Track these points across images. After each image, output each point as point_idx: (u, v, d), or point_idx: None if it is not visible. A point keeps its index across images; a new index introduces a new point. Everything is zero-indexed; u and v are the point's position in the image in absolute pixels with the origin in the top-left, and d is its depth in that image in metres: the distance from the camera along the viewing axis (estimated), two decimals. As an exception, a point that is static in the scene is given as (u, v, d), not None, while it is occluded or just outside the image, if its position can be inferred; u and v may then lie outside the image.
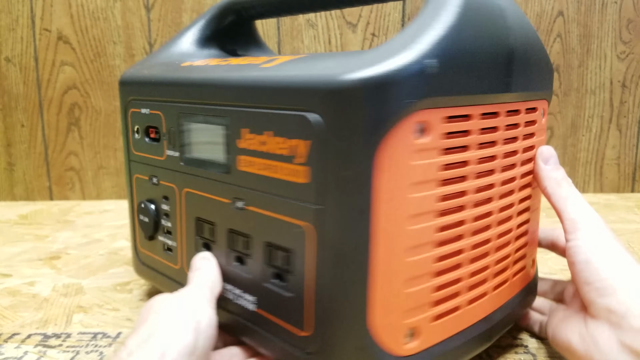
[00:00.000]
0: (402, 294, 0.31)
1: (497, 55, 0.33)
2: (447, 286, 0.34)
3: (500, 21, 0.34)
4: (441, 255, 0.33)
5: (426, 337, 0.33)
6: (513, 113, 0.37)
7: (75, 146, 0.91)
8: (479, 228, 0.35)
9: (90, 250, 0.67)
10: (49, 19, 0.86)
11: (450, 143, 0.32)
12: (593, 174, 0.95)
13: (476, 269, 0.36)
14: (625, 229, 0.75)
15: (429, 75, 0.29)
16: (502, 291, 0.39)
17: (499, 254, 0.38)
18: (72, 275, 0.59)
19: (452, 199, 0.33)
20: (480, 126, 0.34)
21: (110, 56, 0.88)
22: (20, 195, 0.93)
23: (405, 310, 0.32)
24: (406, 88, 0.29)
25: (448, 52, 0.30)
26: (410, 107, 0.29)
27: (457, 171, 0.33)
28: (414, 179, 0.31)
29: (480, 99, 0.33)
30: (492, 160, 0.35)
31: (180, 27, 0.87)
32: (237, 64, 0.39)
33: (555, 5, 0.88)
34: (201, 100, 0.38)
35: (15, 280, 0.58)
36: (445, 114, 0.31)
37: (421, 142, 0.30)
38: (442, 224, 0.33)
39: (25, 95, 0.89)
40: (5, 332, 0.46)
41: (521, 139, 0.38)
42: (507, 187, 0.37)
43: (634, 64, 0.91)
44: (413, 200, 0.31)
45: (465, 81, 0.32)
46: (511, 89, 0.35)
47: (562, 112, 0.92)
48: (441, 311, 0.34)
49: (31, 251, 0.67)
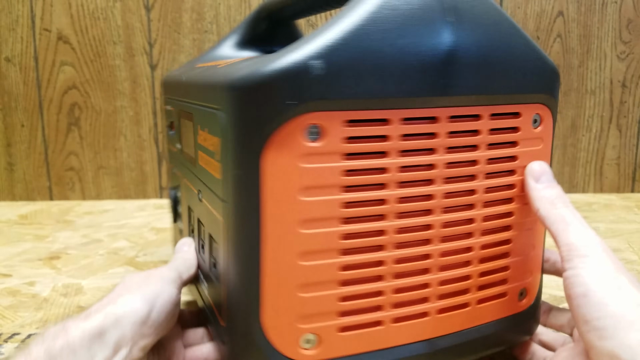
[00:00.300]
0: (297, 298, 0.31)
1: (424, 56, 0.31)
2: (359, 298, 0.32)
3: (435, 19, 0.31)
4: (348, 265, 0.32)
5: (330, 347, 0.32)
6: (465, 119, 0.33)
7: (75, 146, 0.91)
8: (407, 241, 0.33)
9: (90, 251, 0.67)
10: (49, 19, 0.86)
11: (356, 148, 0.30)
12: (593, 174, 0.95)
13: (404, 285, 0.33)
14: (625, 229, 0.75)
15: (317, 77, 0.29)
16: (456, 315, 0.35)
17: (445, 274, 0.34)
18: (71, 276, 0.59)
19: (364, 207, 0.31)
20: (402, 132, 0.31)
21: (110, 56, 0.88)
22: (20, 195, 0.93)
23: (302, 315, 0.31)
24: (288, 89, 0.29)
25: (345, 53, 0.29)
26: (296, 108, 0.29)
27: (370, 178, 0.31)
28: (307, 182, 0.30)
29: (399, 102, 0.31)
30: (427, 170, 0.33)
31: (180, 27, 0.87)
32: (221, 66, 0.40)
33: (556, 5, 0.88)
34: (185, 99, 0.42)
35: (15, 280, 0.58)
36: (345, 118, 0.30)
37: (314, 145, 0.30)
38: (348, 231, 0.31)
39: (25, 95, 0.89)
40: (5, 332, 0.46)
41: (484, 148, 0.34)
42: (456, 201, 0.34)
43: (634, 63, 0.91)
44: (307, 204, 0.30)
45: (372, 84, 0.30)
46: (453, 92, 0.32)
47: (562, 112, 0.92)
48: (351, 323, 0.32)
49: (31, 251, 0.67)
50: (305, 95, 0.29)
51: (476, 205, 0.34)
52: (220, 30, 0.88)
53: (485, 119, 0.34)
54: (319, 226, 0.31)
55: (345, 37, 0.29)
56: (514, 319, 0.38)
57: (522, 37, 0.34)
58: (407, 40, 0.30)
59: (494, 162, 0.35)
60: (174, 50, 0.88)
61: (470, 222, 0.34)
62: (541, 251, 0.39)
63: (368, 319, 0.33)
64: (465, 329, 0.36)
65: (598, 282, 0.30)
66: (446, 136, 0.33)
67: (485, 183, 0.34)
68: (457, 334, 0.35)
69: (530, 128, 0.36)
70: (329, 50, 0.29)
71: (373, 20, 0.30)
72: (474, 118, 0.33)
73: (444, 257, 0.34)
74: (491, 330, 0.37)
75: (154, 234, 0.74)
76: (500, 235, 0.36)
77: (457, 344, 0.35)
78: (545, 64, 0.35)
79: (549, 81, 0.36)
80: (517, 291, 0.37)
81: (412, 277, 0.33)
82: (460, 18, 0.32)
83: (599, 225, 0.76)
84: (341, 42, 0.29)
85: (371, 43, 0.29)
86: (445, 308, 0.35)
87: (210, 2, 0.87)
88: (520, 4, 0.88)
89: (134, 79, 0.89)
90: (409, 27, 0.30)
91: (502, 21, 0.34)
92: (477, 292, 0.36)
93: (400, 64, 0.30)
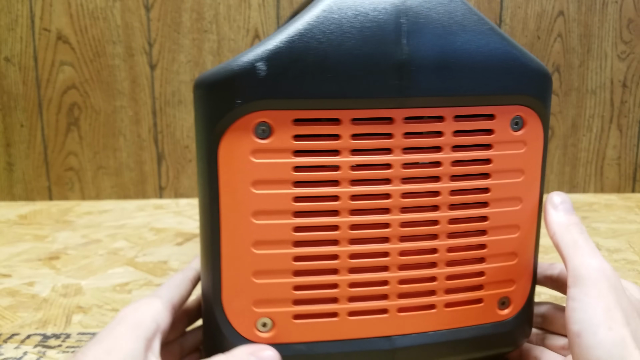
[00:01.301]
0: (252, 284, 0.33)
1: (374, 57, 0.31)
2: (314, 288, 0.34)
3: (387, 22, 0.31)
4: (301, 256, 0.33)
5: (285, 332, 0.34)
6: (425, 120, 0.33)
7: (74, 146, 0.91)
8: (362, 237, 0.34)
9: (89, 251, 0.67)
10: (48, 19, 0.86)
11: (306, 146, 0.32)
12: (593, 174, 0.95)
13: (360, 280, 0.34)
14: (626, 229, 0.74)
15: (263, 78, 0.31)
16: (421, 316, 0.35)
17: (405, 273, 0.35)
18: (71, 276, 0.59)
19: (317, 202, 0.33)
20: (353, 131, 0.32)
21: (110, 56, 0.88)
22: (19, 195, 0.93)
23: (257, 300, 0.34)
24: (236, 89, 0.31)
25: (289, 55, 0.31)
26: (246, 107, 0.31)
27: (321, 175, 0.33)
28: (259, 176, 0.32)
29: (349, 103, 0.32)
30: (383, 169, 0.33)
31: (180, 27, 0.87)
32: None
33: (556, 5, 0.88)
34: None
35: (14, 280, 0.58)
36: (294, 117, 0.32)
37: (264, 142, 0.32)
38: (301, 224, 0.33)
39: (25, 95, 0.89)
40: (5, 333, 0.46)
41: (448, 149, 0.34)
42: (417, 201, 0.34)
43: (634, 63, 0.91)
44: (259, 197, 0.32)
45: (318, 85, 0.31)
46: (408, 93, 0.32)
47: (563, 112, 0.92)
48: (305, 311, 0.34)
49: (30, 251, 0.67)
50: (252, 94, 0.31)
51: (441, 207, 0.34)
52: (220, 30, 0.87)
53: (449, 120, 0.34)
54: (272, 218, 0.33)
55: (290, 40, 0.31)
56: (493, 327, 0.37)
57: (496, 39, 0.33)
58: (355, 42, 0.31)
59: (461, 164, 0.34)
60: (173, 50, 0.88)
61: (435, 223, 0.35)
62: (530, 261, 0.37)
63: (323, 309, 0.34)
64: (432, 331, 0.36)
65: (592, 321, 0.30)
66: (403, 137, 0.33)
67: (451, 185, 0.34)
68: (422, 334, 0.36)
69: (509, 130, 0.35)
70: (273, 52, 0.31)
71: (319, 24, 0.31)
72: (436, 119, 0.34)
73: (404, 257, 0.35)
74: (464, 336, 0.36)
75: (153, 234, 0.74)
76: (472, 239, 0.35)
77: (423, 345, 0.35)
78: (526, 65, 0.34)
79: (532, 83, 0.35)
80: (497, 299, 0.37)
81: (369, 273, 0.34)
82: (417, 20, 0.32)
83: (599, 226, 0.76)
84: (286, 45, 0.31)
85: (316, 45, 0.31)
86: (407, 307, 0.35)
87: (210, 2, 0.87)
88: (521, 4, 0.88)
89: (133, 79, 0.89)
90: (357, 30, 0.31)
91: (471, 22, 0.33)
92: (445, 295, 0.36)
93: (347, 65, 0.31)
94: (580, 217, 0.80)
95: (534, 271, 0.38)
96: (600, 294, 0.30)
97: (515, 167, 0.35)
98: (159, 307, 0.34)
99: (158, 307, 0.34)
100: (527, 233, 0.37)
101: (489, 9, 0.88)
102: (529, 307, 0.38)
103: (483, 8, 0.87)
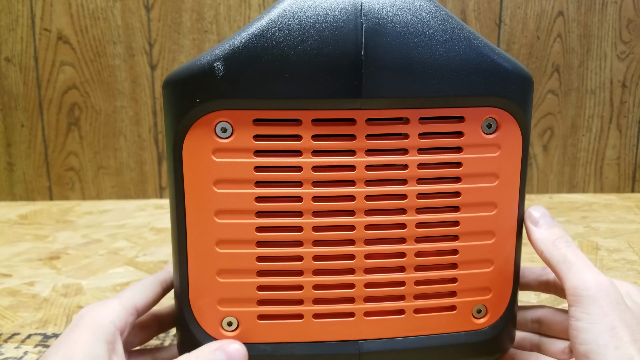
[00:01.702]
0: (217, 283, 0.34)
1: (332, 58, 0.31)
2: (278, 289, 0.34)
3: (347, 22, 0.31)
4: (265, 256, 0.33)
5: (250, 332, 0.34)
6: (388, 122, 0.33)
7: (75, 146, 0.91)
8: (326, 240, 0.33)
9: (90, 251, 0.67)
10: (48, 19, 0.86)
11: (267, 146, 0.32)
12: (593, 174, 0.95)
13: (325, 282, 0.34)
14: (625, 229, 0.75)
15: (222, 78, 0.31)
16: (390, 321, 0.35)
17: (372, 277, 0.34)
18: (71, 276, 0.59)
19: (279, 202, 0.33)
20: (314, 132, 0.32)
21: (110, 56, 0.88)
22: (20, 195, 0.93)
23: (222, 299, 0.34)
24: (196, 89, 0.32)
25: (246, 56, 0.31)
26: (206, 106, 0.32)
27: (283, 175, 0.33)
28: (220, 175, 0.32)
29: (308, 103, 0.32)
30: (346, 171, 0.33)
31: (180, 27, 0.87)
32: None
33: (556, 5, 0.88)
34: None
35: (15, 280, 0.58)
36: (254, 117, 0.32)
37: (225, 141, 0.32)
38: (263, 224, 0.33)
39: (25, 95, 0.89)
40: (5, 332, 0.46)
41: (414, 152, 0.33)
42: (382, 204, 0.33)
43: (634, 63, 0.91)
44: (221, 196, 0.33)
45: (276, 85, 0.31)
46: (368, 94, 0.31)
47: (562, 112, 0.92)
48: (270, 312, 0.34)
49: (31, 251, 0.67)
50: (212, 94, 0.31)
51: (408, 211, 0.34)
52: (220, 31, 0.88)
53: (414, 122, 0.33)
54: (234, 217, 0.33)
55: (247, 41, 0.31)
56: (467, 336, 0.36)
57: (465, 39, 0.32)
58: (313, 42, 0.31)
59: (429, 167, 0.34)
60: (174, 50, 0.88)
61: (402, 227, 0.34)
62: (509, 269, 0.36)
63: (288, 310, 0.34)
64: (401, 337, 0.35)
65: (598, 341, 0.29)
66: (365, 138, 0.32)
67: (418, 188, 0.33)
68: (390, 340, 0.35)
69: (480, 133, 0.34)
70: (231, 53, 0.31)
71: (277, 24, 0.31)
72: (400, 121, 0.33)
73: (370, 260, 0.34)
74: (435, 344, 0.35)
75: (154, 234, 0.74)
76: (442, 244, 0.35)
77: (391, 351, 0.35)
78: (499, 66, 0.33)
79: (507, 85, 0.33)
80: (472, 307, 0.36)
81: (334, 275, 0.34)
82: (377, 19, 0.31)
83: (599, 226, 0.76)
84: (243, 46, 0.31)
85: (274, 46, 0.31)
86: (374, 311, 0.35)
87: (210, 2, 0.87)
88: (521, 4, 0.88)
89: (134, 79, 0.89)
90: (315, 30, 0.31)
91: (437, 22, 0.32)
92: (415, 300, 0.35)
93: (306, 65, 0.31)
94: (580, 217, 0.80)
95: (516, 279, 0.37)
96: (603, 312, 0.30)
97: (489, 171, 0.34)
98: (116, 308, 0.33)
99: (116, 308, 0.33)
100: (503, 240, 0.35)
101: (489, 9, 0.88)
102: (509, 316, 0.37)
103: (483, 8, 0.88)
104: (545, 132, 0.93)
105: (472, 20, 0.88)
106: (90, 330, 0.31)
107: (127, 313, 0.33)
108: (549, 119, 0.92)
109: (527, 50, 0.90)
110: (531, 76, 0.34)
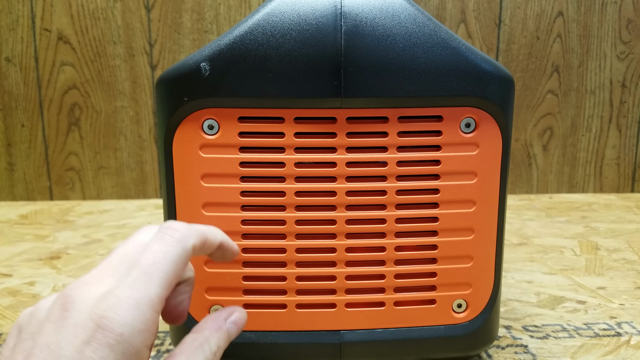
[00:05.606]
0: (204, 272, 0.35)
1: (313, 59, 0.32)
2: (262, 280, 0.36)
3: (327, 24, 0.32)
4: (249, 248, 0.35)
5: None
6: (368, 120, 0.34)
7: (75, 146, 0.91)
8: (309, 233, 0.35)
9: (90, 250, 0.67)
10: (49, 19, 0.87)
11: (252, 143, 0.34)
12: (593, 174, 0.95)
13: (307, 274, 0.36)
14: (625, 229, 0.75)
15: (207, 77, 0.33)
16: (370, 313, 0.36)
17: (353, 270, 0.36)
18: (72, 275, 0.59)
19: (263, 197, 0.35)
20: (296, 130, 0.34)
21: (111, 56, 0.88)
22: (20, 195, 0.93)
23: (209, 287, 0.36)
24: (183, 87, 0.33)
25: (230, 56, 0.33)
26: (194, 104, 0.33)
27: (267, 170, 0.34)
28: (207, 170, 0.34)
29: (291, 102, 0.33)
30: (328, 167, 0.34)
31: (181, 27, 0.87)
32: None
33: (555, 6, 0.88)
34: None
35: (15, 280, 0.58)
36: (239, 114, 0.34)
37: (212, 137, 0.34)
38: (248, 217, 0.35)
39: (26, 95, 0.89)
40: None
41: (393, 150, 0.34)
42: (363, 200, 0.35)
43: (633, 64, 0.91)
44: (208, 190, 0.35)
45: (259, 84, 0.33)
46: (348, 94, 0.33)
47: (562, 112, 0.93)
48: (255, 301, 0.36)
49: (31, 251, 0.67)
50: (199, 92, 0.33)
51: (388, 207, 0.35)
52: (220, 31, 0.88)
53: (393, 121, 0.34)
54: (220, 210, 0.35)
55: (232, 42, 0.33)
56: (446, 330, 0.37)
57: (443, 41, 0.33)
58: (294, 44, 0.33)
59: (408, 165, 0.35)
60: (174, 50, 0.88)
61: (382, 222, 0.35)
62: (489, 265, 0.37)
63: (272, 300, 0.36)
64: (381, 328, 0.37)
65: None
66: (346, 136, 0.34)
67: (397, 185, 0.35)
68: (371, 331, 0.36)
69: (459, 132, 0.34)
70: (216, 53, 0.32)
71: (260, 26, 0.33)
72: (380, 120, 0.34)
73: (351, 253, 0.36)
74: (414, 336, 0.37)
75: (154, 234, 0.74)
76: (421, 239, 0.36)
77: (371, 342, 0.36)
78: (477, 67, 0.34)
79: (485, 85, 0.34)
80: (451, 301, 0.37)
81: (316, 267, 0.36)
82: (356, 22, 0.33)
83: (599, 225, 0.76)
84: (228, 47, 0.33)
85: (257, 47, 0.33)
86: (355, 303, 0.36)
87: (210, 2, 0.87)
88: (520, 4, 0.88)
89: (134, 79, 0.89)
90: (296, 32, 0.33)
91: (416, 24, 0.33)
92: (395, 293, 0.36)
93: (287, 66, 0.33)
94: (580, 217, 0.80)
95: (497, 276, 0.37)
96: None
97: (467, 169, 0.35)
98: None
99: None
100: (483, 236, 0.36)
101: (489, 10, 0.88)
102: (490, 311, 0.38)
103: (482, 8, 0.88)
104: (545, 132, 0.93)
105: (472, 20, 0.88)
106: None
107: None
108: (549, 119, 0.92)
109: (526, 51, 0.90)
110: (512, 77, 0.35)
